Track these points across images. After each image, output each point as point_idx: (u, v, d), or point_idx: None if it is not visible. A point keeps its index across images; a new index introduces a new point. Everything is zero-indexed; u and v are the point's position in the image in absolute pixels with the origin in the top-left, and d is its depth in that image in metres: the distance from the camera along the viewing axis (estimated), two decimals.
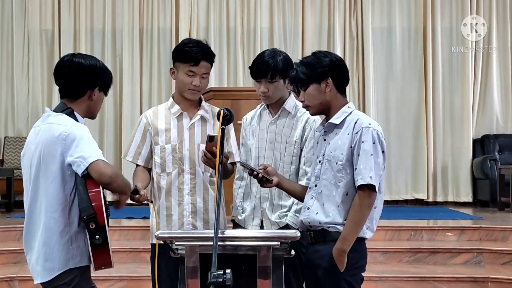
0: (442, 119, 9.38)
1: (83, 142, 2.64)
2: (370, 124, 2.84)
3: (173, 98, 3.40)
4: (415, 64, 9.44)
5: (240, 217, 3.49)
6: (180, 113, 3.35)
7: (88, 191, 2.60)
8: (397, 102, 9.41)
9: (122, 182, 2.71)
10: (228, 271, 2.19)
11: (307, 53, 3.02)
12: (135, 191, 2.97)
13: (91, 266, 2.72)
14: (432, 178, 9.35)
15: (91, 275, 2.83)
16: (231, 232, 2.80)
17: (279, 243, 2.58)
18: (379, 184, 2.79)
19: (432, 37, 9.40)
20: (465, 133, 9.34)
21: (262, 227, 3.40)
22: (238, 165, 3.50)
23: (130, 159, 3.38)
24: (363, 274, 2.90)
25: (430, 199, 9.33)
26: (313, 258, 2.88)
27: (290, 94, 3.45)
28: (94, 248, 2.61)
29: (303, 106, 2.98)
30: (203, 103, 3.41)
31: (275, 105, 3.44)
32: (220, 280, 2.16)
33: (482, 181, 8.93)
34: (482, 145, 9.36)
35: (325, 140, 2.93)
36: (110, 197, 2.80)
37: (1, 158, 9.06)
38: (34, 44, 9.31)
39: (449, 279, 5.34)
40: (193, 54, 3.23)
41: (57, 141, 2.66)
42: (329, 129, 2.93)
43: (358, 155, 2.79)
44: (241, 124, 3.61)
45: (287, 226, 3.33)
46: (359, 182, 2.76)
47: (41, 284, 2.74)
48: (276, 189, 3.30)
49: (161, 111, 3.39)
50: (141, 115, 3.45)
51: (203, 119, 3.37)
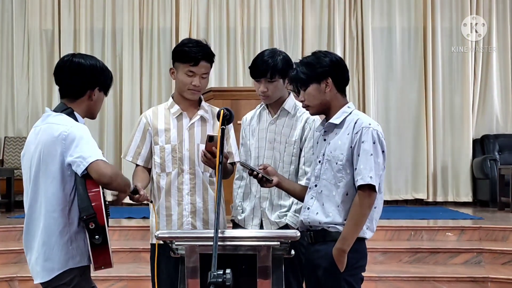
0: (442, 119, 9.37)
1: (83, 142, 2.64)
2: (370, 124, 2.84)
3: (173, 98, 3.40)
4: (415, 64, 9.44)
5: (240, 217, 3.49)
6: (180, 113, 3.35)
7: (88, 191, 2.60)
8: (397, 102, 9.41)
9: (122, 182, 2.71)
10: (228, 271, 2.19)
11: (307, 53, 3.02)
12: (135, 191, 2.97)
13: (91, 266, 2.72)
14: (432, 178, 9.35)
15: (91, 275, 2.83)
16: (231, 232, 2.80)
17: (279, 243, 2.58)
18: (379, 184, 2.79)
19: (432, 37, 9.40)
20: (465, 133, 9.33)
21: (262, 227, 3.40)
22: (238, 165, 3.50)
23: (130, 159, 3.37)
24: (363, 274, 2.90)
25: (430, 199, 9.33)
26: (313, 258, 2.88)
27: (290, 94, 3.45)
28: (94, 248, 2.61)
29: (303, 106, 2.98)
30: (203, 103, 3.41)
31: (275, 105, 3.44)
32: (220, 280, 2.16)
33: (482, 181, 8.93)
34: (482, 145, 9.35)
35: (325, 140, 2.93)
36: (110, 197, 2.80)
37: (1, 158, 9.06)
38: (34, 44, 9.30)
39: (449, 279, 5.34)
40: (193, 54, 3.23)
41: (57, 141, 2.66)
42: (329, 129, 2.93)
43: (358, 155, 2.79)
44: (241, 124, 3.61)
45: (287, 226, 3.33)
46: (359, 182, 2.76)
47: (41, 284, 2.74)
48: (276, 189, 3.30)
49: (161, 111, 3.39)
50: (141, 115, 3.45)
51: (203, 119, 3.37)
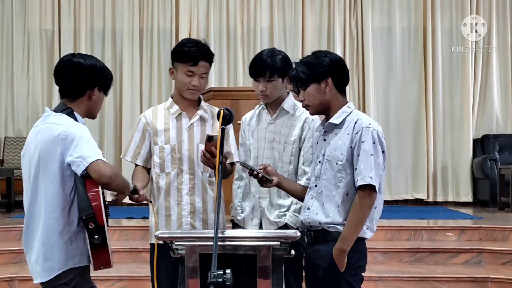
0: (442, 119, 9.37)
1: (83, 142, 2.64)
2: (370, 124, 2.84)
3: (172, 98, 3.39)
4: (415, 64, 9.43)
5: (239, 217, 3.49)
6: (179, 113, 3.35)
7: (88, 191, 2.60)
8: (397, 102, 9.40)
9: (122, 182, 2.72)
10: (228, 271, 2.19)
11: (307, 53, 3.01)
12: (134, 191, 2.97)
13: (91, 266, 2.72)
14: (432, 178, 9.35)
15: (91, 275, 2.83)
16: (231, 232, 2.80)
17: (279, 243, 2.58)
18: (379, 184, 2.79)
19: (432, 37, 9.39)
20: (465, 133, 9.33)
21: (261, 227, 3.40)
22: (237, 165, 3.50)
23: (129, 159, 3.37)
24: (363, 274, 2.89)
25: (430, 199, 9.32)
26: (313, 258, 2.88)
27: (289, 94, 3.45)
28: (93, 248, 2.61)
29: (303, 106, 2.98)
30: (202, 103, 3.41)
31: (274, 105, 3.44)
32: (220, 280, 2.16)
33: (482, 181, 8.93)
34: (482, 145, 9.35)
35: (325, 140, 2.93)
36: (110, 197, 2.80)
37: (1, 158, 9.06)
38: (34, 44, 9.29)
39: (449, 279, 5.34)
40: (192, 54, 3.22)
41: (57, 141, 2.66)
42: (329, 129, 2.93)
43: (358, 155, 2.79)
44: (240, 124, 3.61)
45: (286, 226, 3.34)
46: (359, 182, 2.76)
47: (41, 284, 2.74)
48: (275, 189, 3.30)
49: (160, 111, 3.39)
50: (140, 115, 3.44)
51: (202, 119, 3.37)
